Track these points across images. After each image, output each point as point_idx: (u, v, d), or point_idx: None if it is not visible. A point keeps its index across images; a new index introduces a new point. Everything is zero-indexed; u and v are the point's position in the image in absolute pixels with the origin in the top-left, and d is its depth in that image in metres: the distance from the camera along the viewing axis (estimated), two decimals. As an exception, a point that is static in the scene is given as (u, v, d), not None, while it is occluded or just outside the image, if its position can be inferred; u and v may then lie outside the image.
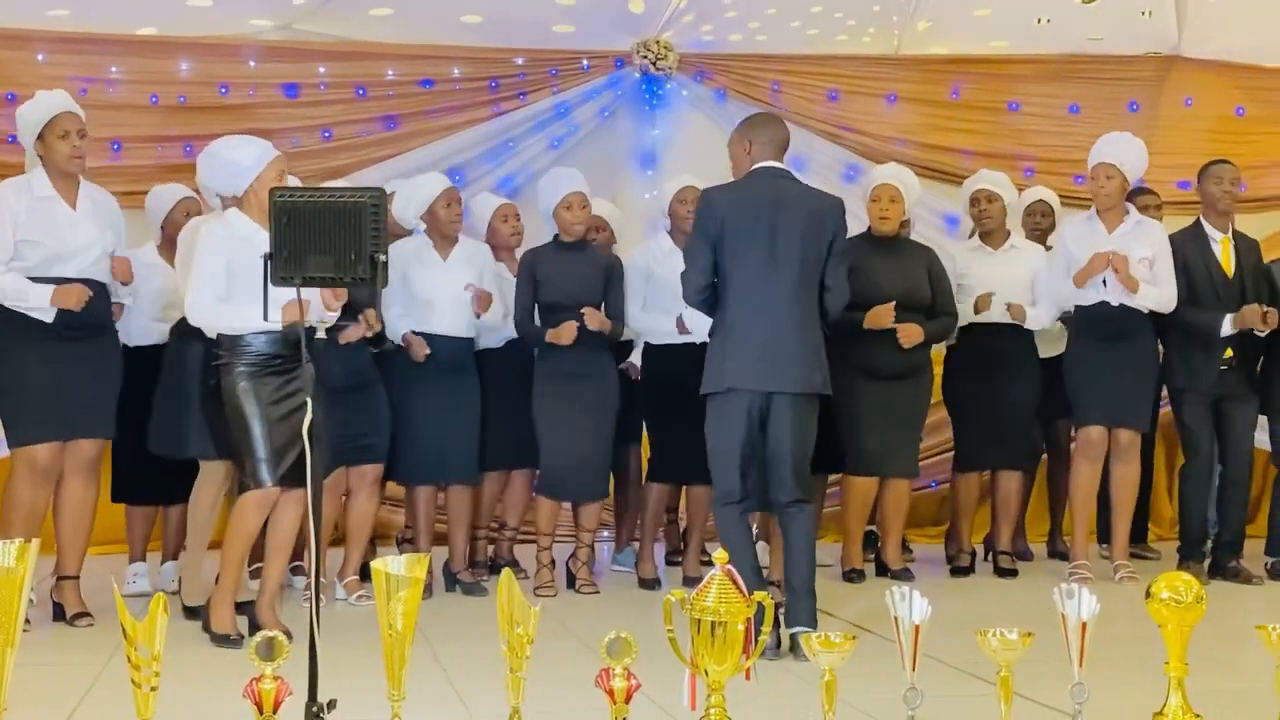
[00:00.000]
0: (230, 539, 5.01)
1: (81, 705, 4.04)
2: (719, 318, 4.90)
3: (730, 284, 4.84)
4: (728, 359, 4.81)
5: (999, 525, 6.95)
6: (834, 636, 3.32)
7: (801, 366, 4.81)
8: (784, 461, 4.80)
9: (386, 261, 3.21)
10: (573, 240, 6.26)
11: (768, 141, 4.97)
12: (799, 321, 4.82)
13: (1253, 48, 8.85)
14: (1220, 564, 6.64)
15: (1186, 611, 3.28)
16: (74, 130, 5.31)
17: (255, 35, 8.03)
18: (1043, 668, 3.53)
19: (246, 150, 5.05)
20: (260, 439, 4.85)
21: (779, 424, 4.79)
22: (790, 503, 4.83)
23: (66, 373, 5.27)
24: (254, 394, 4.85)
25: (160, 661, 2.97)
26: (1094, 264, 6.36)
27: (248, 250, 4.79)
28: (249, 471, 4.90)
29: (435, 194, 6.16)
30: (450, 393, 6.12)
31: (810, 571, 4.82)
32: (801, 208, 4.86)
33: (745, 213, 4.83)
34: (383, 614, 3.14)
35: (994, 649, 3.31)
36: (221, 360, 4.93)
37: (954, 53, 8.86)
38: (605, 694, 3.19)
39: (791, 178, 4.99)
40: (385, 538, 7.20)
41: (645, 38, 8.33)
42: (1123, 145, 6.49)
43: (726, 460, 4.83)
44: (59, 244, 5.26)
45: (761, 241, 4.80)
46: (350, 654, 4.24)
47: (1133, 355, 6.46)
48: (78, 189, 5.38)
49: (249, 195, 4.99)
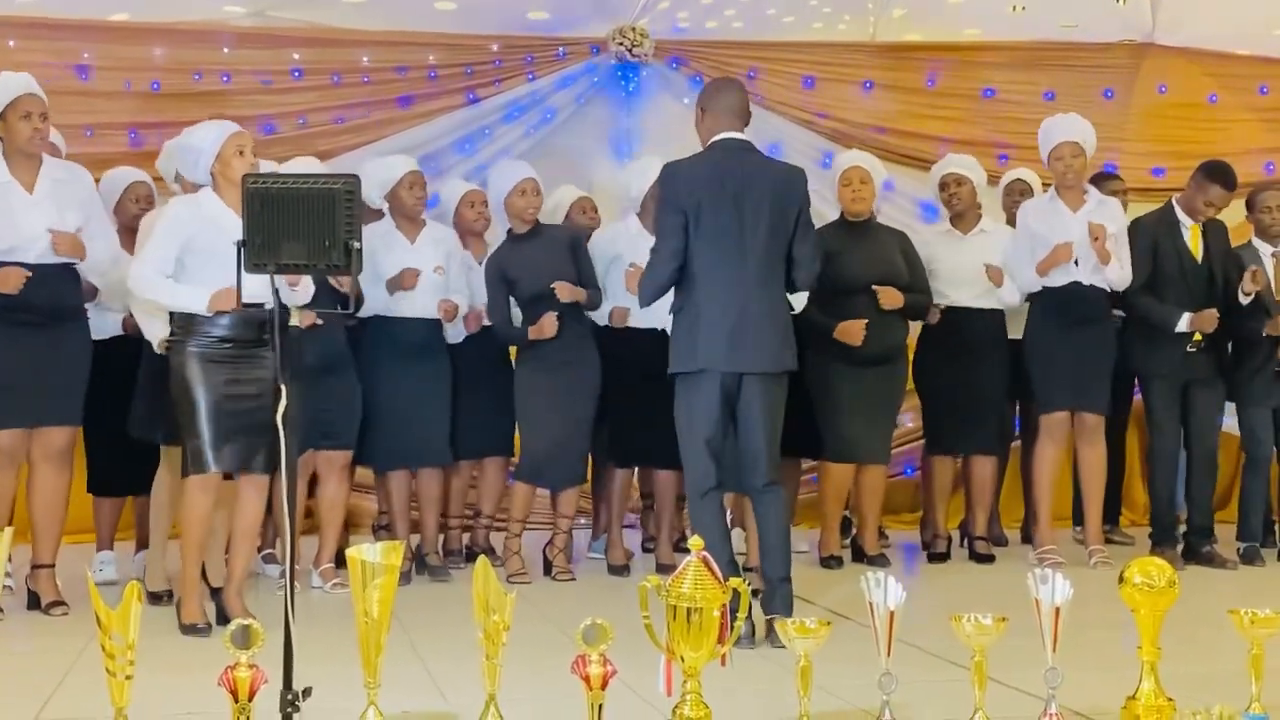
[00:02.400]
0: (183, 528, 4.98)
1: (56, 694, 4.02)
2: (685, 296, 4.80)
3: (696, 261, 4.75)
4: (699, 339, 4.74)
5: (974, 511, 6.98)
6: (809, 622, 3.34)
7: (772, 347, 4.77)
8: (757, 443, 4.78)
9: (361, 248, 3.20)
10: (527, 229, 6.25)
11: (723, 110, 4.86)
12: (768, 300, 4.77)
13: (1225, 35, 8.89)
14: (1193, 549, 6.68)
15: (1159, 596, 3.31)
16: (36, 112, 5.24)
17: (229, 22, 7.99)
18: (1017, 652, 3.54)
19: (202, 133, 5.01)
20: (205, 421, 4.79)
21: (750, 405, 4.77)
22: (764, 485, 4.82)
23: (30, 359, 5.21)
24: (202, 375, 4.80)
25: (134, 650, 2.97)
26: (1058, 253, 6.38)
27: (214, 231, 4.78)
28: (191, 455, 4.84)
29: (398, 176, 6.17)
30: (420, 375, 6.11)
31: (786, 560, 4.81)
32: (766, 182, 4.79)
33: (710, 188, 4.74)
34: (358, 602, 3.14)
35: (968, 634, 3.33)
36: (175, 337, 4.89)
37: (929, 40, 8.88)
38: (581, 680, 3.20)
39: (753, 150, 4.90)
40: (357, 525, 7.18)
41: (621, 24, 8.32)
42: (1079, 123, 6.53)
43: (699, 447, 4.78)
44: (10, 230, 5.18)
45: (727, 218, 4.73)
46: (326, 642, 4.24)
47: (1094, 338, 6.50)
48: (38, 171, 5.29)
49: (215, 176, 4.95)
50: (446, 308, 6.10)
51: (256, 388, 4.78)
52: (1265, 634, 3.40)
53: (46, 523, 5.39)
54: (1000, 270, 6.69)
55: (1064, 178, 6.50)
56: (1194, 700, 3.30)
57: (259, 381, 4.79)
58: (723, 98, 4.91)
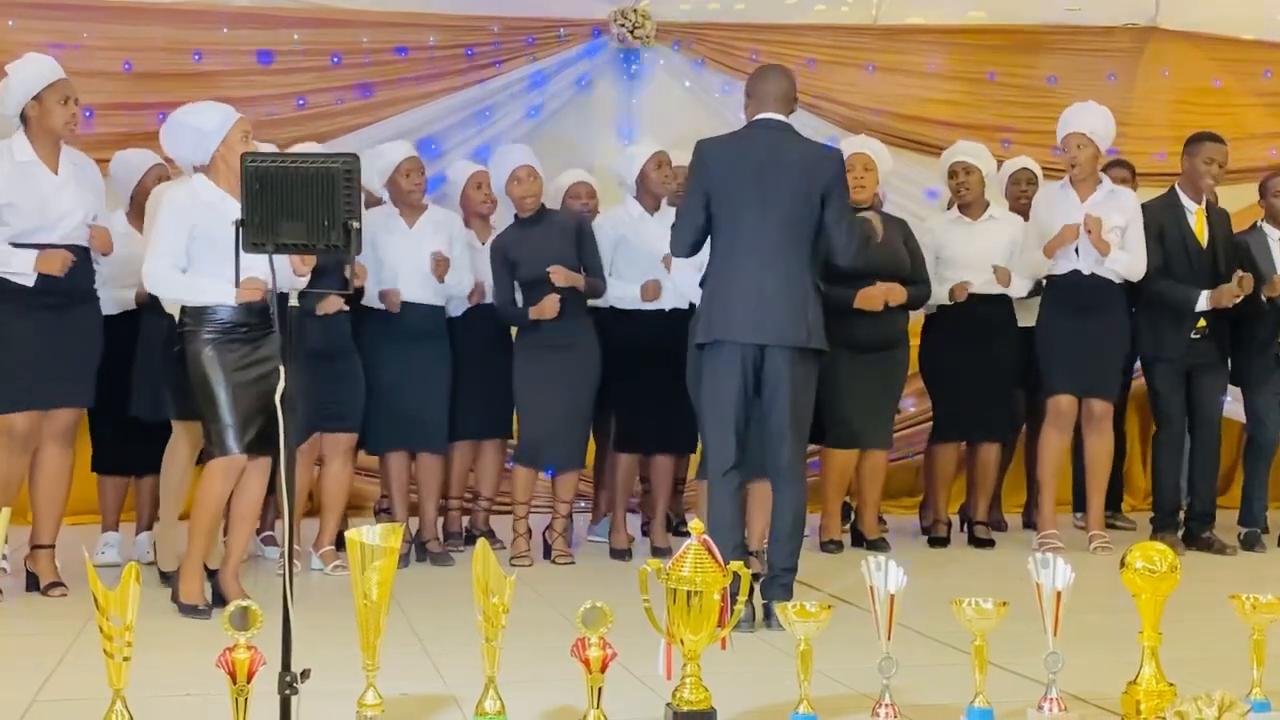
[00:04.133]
0: (197, 508, 4.98)
1: (54, 675, 4.02)
2: (711, 269, 4.88)
3: (720, 234, 4.83)
4: (720, 310, 4.78)
5: (976, 496, 6.98)
6: (810, 606, 3.33)
7: (793, 321, 4.75)
8: (781, 423, 4.76)
9: (360, 228, 3.18)
10: (531, 213, 6.24)
11: (764, 95, 4.91)
12: (788, 275, 4.76)
13: (1229, 19, 8.87)
14: (1194, 534, 6.68)
15: (1160, 581, 3.30)
16: (72, 97, 5.29)
17: (229, 2, 7.96)
18: (1018, 637, 3.55)
19: (209, 115, 4.97)
20: (225, 406, 4.81)
21: (775, 383, 4.75)
22: (786, 468, 4.80)
23: (47, 341, 5.22)
24: (219, 361, 4.81)
25: (132, 631, 2.96)
26: (1064, 234, 6.39)
27: (214, 218, 4.76)
28: (214, 439, 4.86)
29: (395, 162, 6.18)
30: (419, 360, 6.10)
31: (794, 551, 4.80)
32: (795, 161, 4.80)
33: (736, 164, 4.80)
34: (357, 584, 3.14)
35: (969, 618, 3.33)
36: (186, 327, 4.89)
37: (931, 23, 8.84)
38: (581, 663, 3.20)
39: (790, 130, 4.92)
40: (358, 508, 7.18)
41: (623, 6, 8.29)
42: (1092, 114, 6.52)
43: (720, 422, 4.77)
44: (42, 210, 5.20)
45: (751, 194, 4.76)
46: (325, 624, 4.24)
47: (1105, 326, 6.50)
48: (59, 154, 5.32)
49: (216, 161, 4.93)
50: (438, 259, 6.08)
51: (267, 369, 4.79)
52: (1267, 619, 3.41)
53: (47, 503, 5.39)
54: (1008, 271, 6.68)
55: (1070, 169, 6.50)
56: (1195, 685, 3.29)
57: (269, 362, 4.79)
58: (766, 83, 4.96)
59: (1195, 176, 6.63)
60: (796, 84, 5.06)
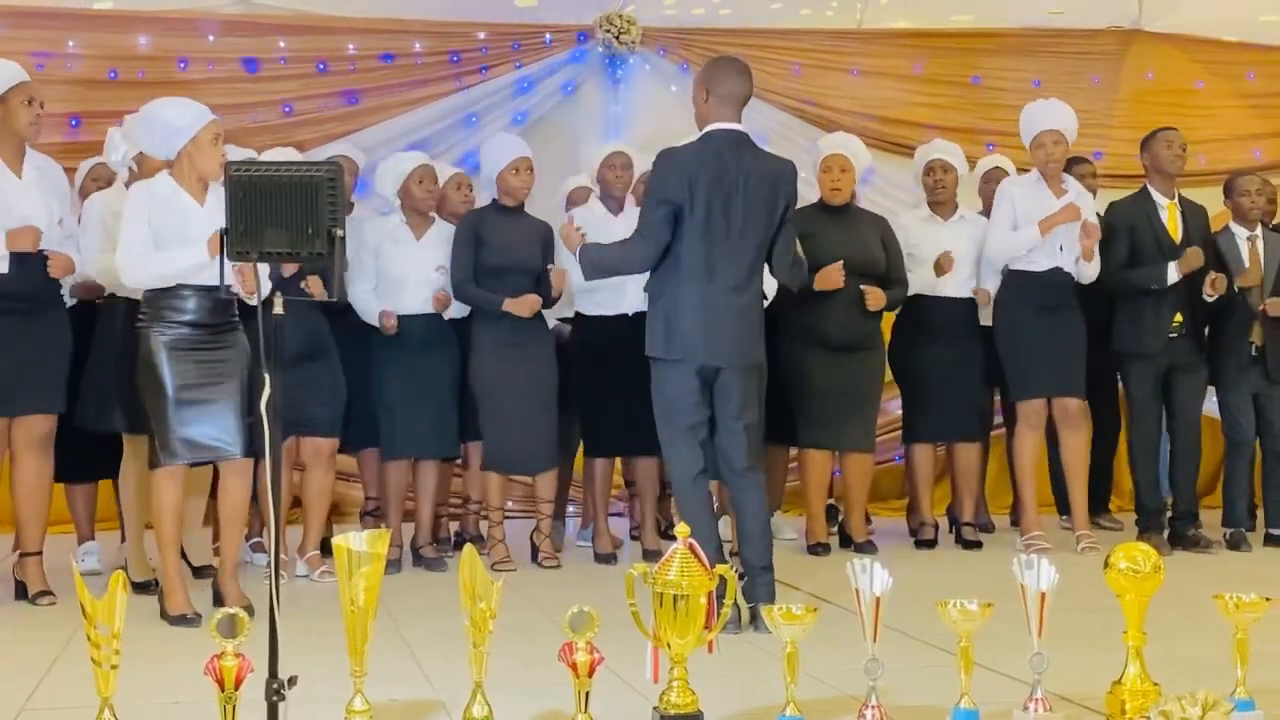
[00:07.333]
0: (156, 522, 4.93)
1: (43, 683, 4.02)
2: (665, 282, 4.78)
3: (683, 249, 4.73)
4: (677, 328, 4.72)
5: (960, 497, 6.99)
6: (795, 609, 3.34)
7: (748, 341, 4.81)
8: (734, 428, 4.79)
9: (344, 236, 3.18)
10: (514, 205, 6.24)
11: (726, 95, 4.78)
12: (747, 296, 4.79)
13: (1212, 21, 8.91)
14: (1179, 534, 6.70)
15: (1144, 581, 3.32)
16: (37, 99, 5.27)
17: (214, 9, 7.97)
18: (1003, 638, 3.56)
19: (181, 111, 4.92)
20: (171, 412, 4.76)
21: (728, 392, 4.78)
22: (742, 470, 4.82)
23: (14, 347, 5.19)
24: (171, 362, 4.77)
25: (120, 639, 2.97)
26: (1068, 211, 6.40)
27: (169, 212, 4.78)
28: (159, 443, 4.81)
29: (408, 170, 6.21)
30: (423, 369, 6.11)
31: (767, 548, 4.82)
32: (760, 180, 4.77)
33: (703, 182, 4.70)
34: (344, 590, 3.14)
35: (954, 619, 3.34)
36: (142, 323, 4.86)
37: (917, 27, 8.88)
38: (568, 668, 3.21)
39: (749, 143, 4.85)
40: (341, 513, 7.17)
41: (608, 11, 8.31)
42: (1062, 112, 6.56)
43: (681, 433, 4.79)
44: (5, 212, 5.16)
45: (718, 214, 4.71)
46: (312, 630, 4.24)
47: (1068, 323, 6.53)
48: (23, 158, 5.29)
49: (181, 158, 4.89)
50: (439, 296, 6.12)
51: (224, 371, 4.78)
52: (1250, 618, 3.42)
53: (31, 511, 5.37)
54: (988, 293, 6.71)
55: (1045, 166, 6.52)
56: (1179, 685, 3.31)
57: (227, 364, 4.79)
58: (729, 83, 4.80)
59: (1160, 163, 6.64)
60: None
